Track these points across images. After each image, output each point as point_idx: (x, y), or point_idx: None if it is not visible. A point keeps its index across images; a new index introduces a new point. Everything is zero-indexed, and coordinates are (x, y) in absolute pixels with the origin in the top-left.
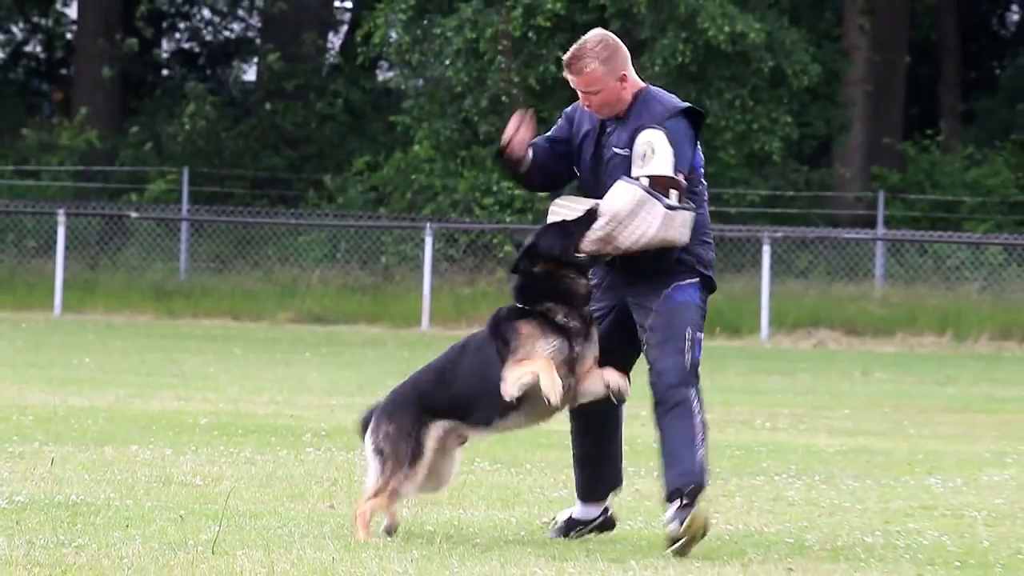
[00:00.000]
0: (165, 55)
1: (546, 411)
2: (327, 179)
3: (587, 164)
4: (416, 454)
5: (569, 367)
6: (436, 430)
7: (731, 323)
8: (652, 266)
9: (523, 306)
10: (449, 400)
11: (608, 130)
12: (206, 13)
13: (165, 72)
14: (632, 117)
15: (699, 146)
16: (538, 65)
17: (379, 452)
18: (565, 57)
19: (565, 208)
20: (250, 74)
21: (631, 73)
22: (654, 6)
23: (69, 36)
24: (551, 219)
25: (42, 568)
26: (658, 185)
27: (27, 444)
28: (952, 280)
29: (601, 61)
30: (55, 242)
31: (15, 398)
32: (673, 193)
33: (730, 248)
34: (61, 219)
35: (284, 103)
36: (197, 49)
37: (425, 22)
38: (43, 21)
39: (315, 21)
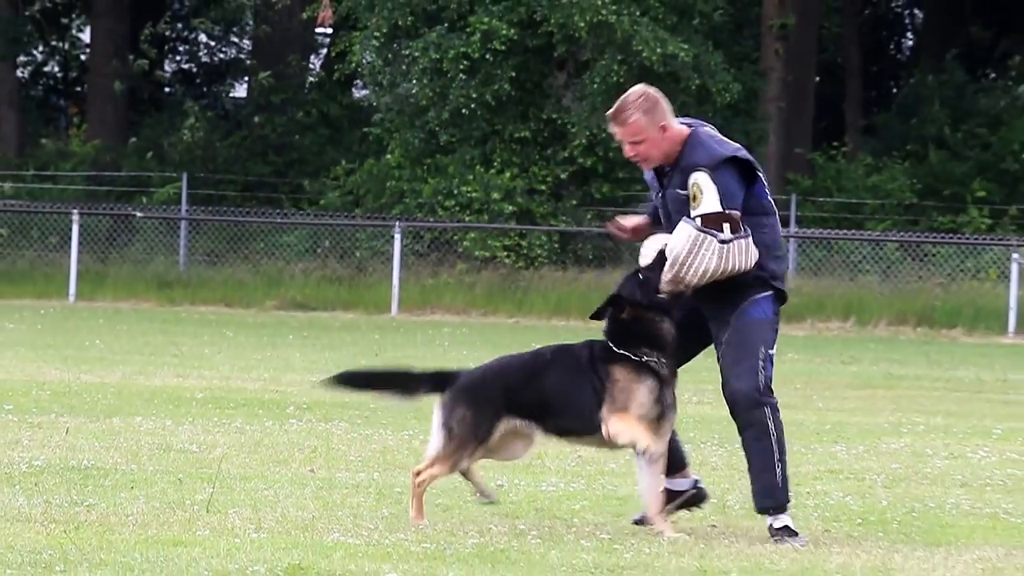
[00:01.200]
0: (167, 74)
1: (605, 443)
2: (308, 183)
3: (661, 210)
4: (483, 441)
5: (660, 406)
6: (507, 425)
7: None
8: (728, 283)
9: (617, 349)
10: (533, 403)
11: (668, 173)
12: (203, 37)
13: (167, 89)
14: (684, 160)
15: (760, 175)
16: (493, 83)
17: (448, 430)
18: (609, 112)
19: (648, 248)
20: (241, 91)
21: (673, 124)
22: (594, 32)
23: (83, 57)
24: (641, 260)
25: (57, 524)
26: (710, 222)
27: (44, 415)
28: (855, 273)
29: (643, 112)
30: (70, 238)
31: (35, 375)
32: (726, 227)
33: None
34: (75, 218)
35: (271, 116)
36: (195, 69)
37: (395, 45)
38: (60, 44)
39: (299, 44)
